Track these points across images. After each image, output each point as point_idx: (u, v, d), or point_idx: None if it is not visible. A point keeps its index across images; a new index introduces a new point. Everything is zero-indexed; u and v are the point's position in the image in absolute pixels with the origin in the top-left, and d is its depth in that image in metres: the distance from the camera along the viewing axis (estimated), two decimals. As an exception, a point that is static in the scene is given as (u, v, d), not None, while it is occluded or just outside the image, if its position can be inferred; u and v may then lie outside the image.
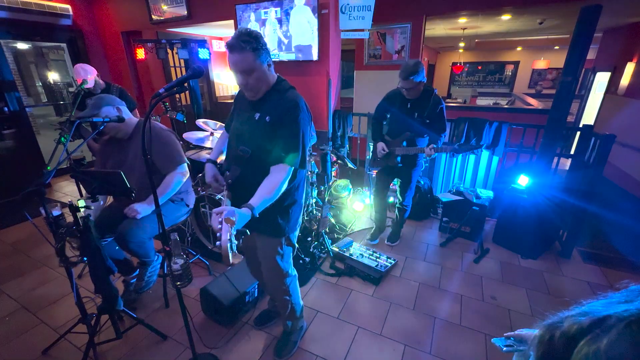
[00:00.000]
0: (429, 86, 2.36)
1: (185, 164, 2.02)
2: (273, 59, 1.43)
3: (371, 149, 2.86)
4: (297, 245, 1.61)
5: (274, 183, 1.26)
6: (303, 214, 1.60)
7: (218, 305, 1.93)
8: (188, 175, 2.05)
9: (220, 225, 1.04)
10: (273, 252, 1.52)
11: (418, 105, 2.34)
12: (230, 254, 0.99)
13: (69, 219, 1.52)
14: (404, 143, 2.42)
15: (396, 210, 2.85)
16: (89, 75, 2.90)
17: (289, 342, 1.80)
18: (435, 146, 2.30)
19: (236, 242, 1.03)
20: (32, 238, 3.03)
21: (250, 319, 2.03)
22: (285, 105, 1.31)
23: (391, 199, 2.90)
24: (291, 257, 1.63)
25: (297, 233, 1.59)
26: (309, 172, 2.66)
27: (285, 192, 1.35)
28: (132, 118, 1.98)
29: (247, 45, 1.19)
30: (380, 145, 2.49)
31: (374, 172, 2.80)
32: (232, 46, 1.20)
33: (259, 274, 1.75)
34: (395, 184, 2.87)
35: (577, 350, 0.37)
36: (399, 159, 2.46)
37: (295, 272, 1.69)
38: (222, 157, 1.66)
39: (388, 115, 2.51)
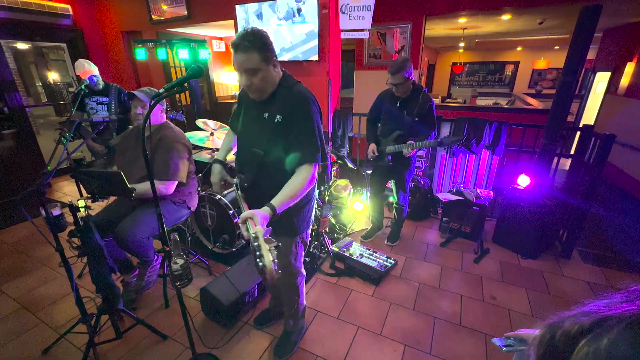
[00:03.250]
0: (418, 84, 2.38)
1: (173, 182, 1.92)
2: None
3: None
4: (307, 242, 1.60)
5: (299, 183, 1.23)
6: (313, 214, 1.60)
7: (218, 305, 1.93)
8: (166, 191, 1.93)
9: (255, 243, 0.98)
10: (287, 252, 1.52)
11: (407, 104, 2.35)
12: (274, 272, 0.95)
13: (69, 219, 1.52)
14: (394, 142, 2.43)
15: (394, 210, 2.86)
16: (93, 68, 2.91)
17: (289, 342, 1.80)
18: (412, 142, 2.30)
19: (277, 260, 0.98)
20: (32, 238, 3.03)
21: (250, 319, 2.03)
22: (295, 101, 1.29)
23: (391, 199, 2.92)
24: (302, 256, 1.63)
25: (309, 231, 1.59)
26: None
27: None
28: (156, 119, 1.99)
29: (252, 44, 1.17)
30: (371, 147, 2.51)
31: (369, 172, 2.82)
32: (237, 45, 1.17)
33: None
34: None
35: (578, 350, 0.37)
36: (389, 157, 2.47)
37: (304, 273, 1.69)
38: (230, 157, 1.65)
39: (382, 116, 2.52)
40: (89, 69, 2.92)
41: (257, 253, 0.95)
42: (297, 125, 1.27)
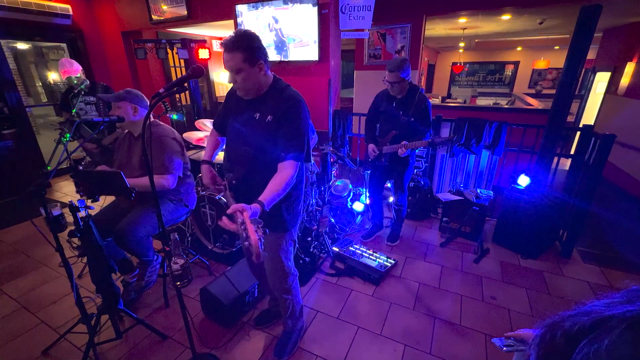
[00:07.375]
0: (415, 85, 2.39)
1: (172, 175, 1.93)
2: (273, 59, 1.45)
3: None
4: (296, 240, 1.62)
5: (283, 180, 1.29)
6: (303, 210, 1.62)
7: (218, 305, 1.93)
8: (168, 185, 1.92)
9: (242, 226, 1.03)
10: (277, 248, 1.53)
11: (403, 104, 2.37)
12: (260, 251, 1.00)
13: (69, 218, 1.52)
14: (390, 142, 2.44)
15: (393, 210, 2.87)
16: (76, 67, 2.89)
17: (289, 342, 1.80)
18: (406, 142, 2.32)
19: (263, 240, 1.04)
20: (32, 238, 3.03)
21: (250, 319, 2.03)
22: (286, 103, 1.35)
23: (391, 199, 2.93)
24: (293, 254, 1.64)
25: (297, 228, 1.61)
26: (310, 172, 2.67)
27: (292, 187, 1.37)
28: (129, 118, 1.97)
29: (238, 45, 1.24)
30: (371, 147, 2.53)
31: (368, 172, 2.83)
32: (224, 45, 1.26)
33: (260, 272, 1.75)
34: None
35: (578, 350, 0.37)
36: (385, 157, 2.48)
37: (296, 272, 1.70)
38: (218, 158, 1.67)
39: (380, 116, 2.53)
40: (69, 69, 2.85)
41: (244, 235, 1.00)
42: (287, 125, 1.33)
